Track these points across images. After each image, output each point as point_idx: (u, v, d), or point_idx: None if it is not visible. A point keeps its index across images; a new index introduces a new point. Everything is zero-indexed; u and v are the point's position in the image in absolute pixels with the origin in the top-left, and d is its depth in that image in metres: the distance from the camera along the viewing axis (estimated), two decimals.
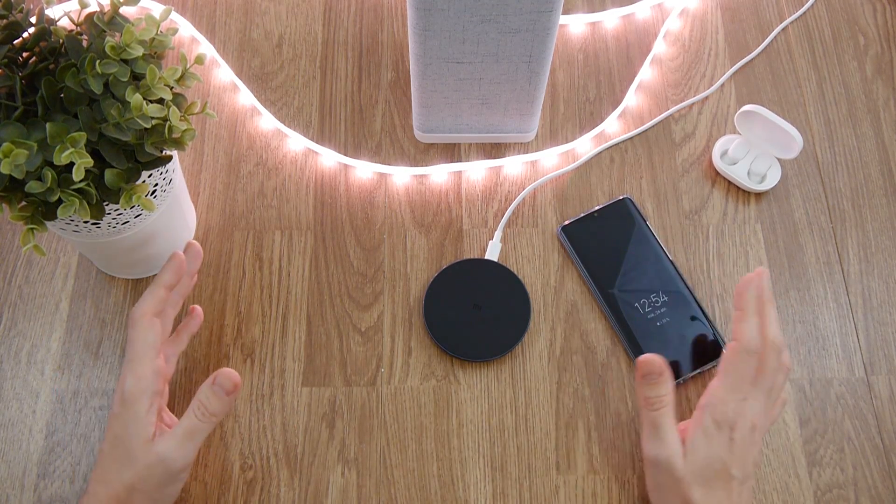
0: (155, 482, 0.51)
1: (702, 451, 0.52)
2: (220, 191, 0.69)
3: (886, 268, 0.67)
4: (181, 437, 0.52)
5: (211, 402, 0.53)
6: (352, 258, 0.66)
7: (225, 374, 0.53)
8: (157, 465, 0.51)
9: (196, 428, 0.52)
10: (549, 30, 0.58)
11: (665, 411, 0.54)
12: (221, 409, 0.53)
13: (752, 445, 0.53)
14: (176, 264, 0.56)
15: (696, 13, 0.78)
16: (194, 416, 0.52)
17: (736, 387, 0.53)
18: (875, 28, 0.77)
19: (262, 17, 0.76)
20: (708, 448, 0.52)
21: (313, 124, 0.72)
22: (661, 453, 0.53)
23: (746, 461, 0.52)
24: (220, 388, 0.53)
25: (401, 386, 0.62)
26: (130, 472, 0.50)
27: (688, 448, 0.53)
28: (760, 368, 0.54)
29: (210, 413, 0.53)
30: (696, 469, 0.52)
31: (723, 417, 0.52)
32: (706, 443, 0.52)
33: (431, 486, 0.59)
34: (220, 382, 0.53)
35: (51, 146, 0.46)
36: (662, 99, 0.73)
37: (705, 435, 0.52)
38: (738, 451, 0.52)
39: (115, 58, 0.47)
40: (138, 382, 0.52)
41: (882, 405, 0.62)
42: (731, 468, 0.52)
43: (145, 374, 0.52)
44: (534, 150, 0.71)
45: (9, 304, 0.64)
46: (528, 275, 0.66)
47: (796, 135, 0.65)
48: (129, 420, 0.51)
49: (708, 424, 0.53)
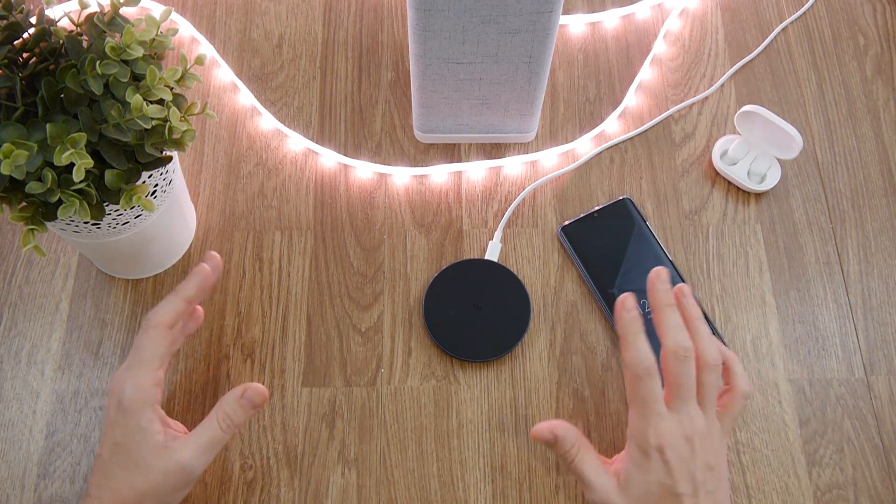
0: (171, 488, 0.51)
1: (637, 482, 0.51)
2: (220, 191, 0.69)
3: (886, 268, 0.67)
4: (204, 447, 0.52)
5: (237, 414, 0.53)
6: (352, 258, 0.66)
7: (255, 389, 0.54)
8: (176, 473, 0.51)
9: (220, 439, 0.52)
10: (549, 30, 0.58)
11: (579, 458, 0.53)
12: (244, 421, 0.54)
13: (693, 456, 0.50)
14: (202, 278, 0.55)
15: (696, 13, 0.78)
16: (218, 426, 0.52)
17: (644, 411, 0.51)
18: (875, 28, 0.77)
19: (262, 17, 0.76)
20: (643, 477, 0.50)
21: (313, 124, 0.72)
22: (594, 498, 0.51)
23: (692, 473, 0.50)
24: (248, 402, 0.53)
25: (401, 386, 0.62)
26: (142, 479, 0.50)
27: (622, 483, 0.51)
28: (669, 382, 0.52)
29: (235, 424, 0.53)
30: (636, 500, 0.51)
31: (645, 444, 0.51)
32: (639, 473, 0.51)
33: (431, 487, 0.59)
34: (249, 396, 0.53)
35: (51, 147, 0.46)
36: (662, 99, 0.74)
37: (636, 466, 0.51)
38: (678, 468, 0.50)
39: (115, 58, 0.47)
40: (138, 392, 0.51)
41: (882, 405, 0.62)
42: (676, 486, 0.50)
43: (145, 385, 0.52)
44: (534, 150, 0.71)
45: (9, 305, 0.64)
46: (528, 275, 0.66)
47: (796, 135, 0.65)
48: (133, 430, 0.51)
49: (635, 454, 0.51)
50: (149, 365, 0.52)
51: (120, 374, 0.53)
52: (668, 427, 0.51)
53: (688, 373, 0.52)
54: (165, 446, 0.51)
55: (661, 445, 0.50)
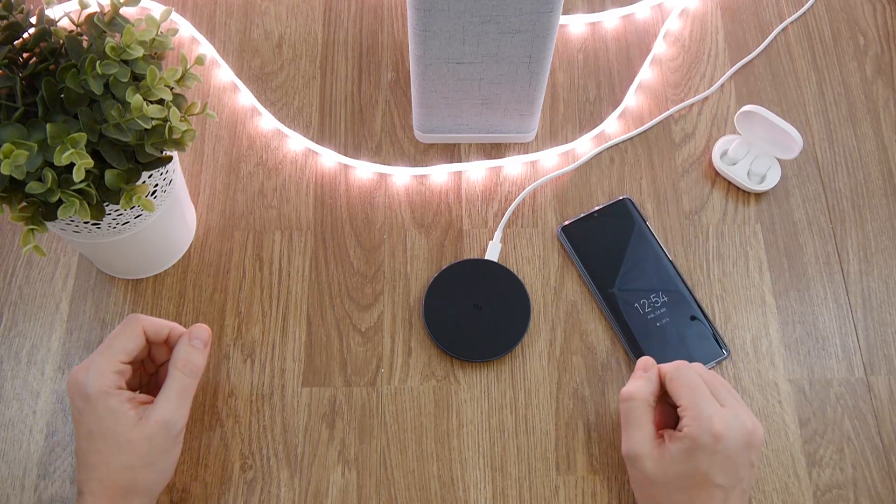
0: (158, 451, 0.52)
1: (678, 460, 0.51)
2: (220, 191, 0.69)
3: (886, 268, 0.67)
4: (176, 398, 0.53)
5: (193, 357, 0.54)
6: (352, 258, 0.66)
7: (197, 329, 0.56)
8: (159, 432, 0.51)
9: (188, 385, 0.54)
10: (549, 30, 0.58)
11: (636, 405, 0.54)
12: (202, 362, 0.55)
13: (746, 451, 0.51)
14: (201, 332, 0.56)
15: (696, 13, 0.78)
16: (181, 374, 0.53)
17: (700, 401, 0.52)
18: (875, 28, 0.77)
19: (262, 17, 0.76)
20: (686, 457, 0.51)
21: (313, 124, 0.72)
22: (631, 450, 0.53)
23: (737, 468, 0.51)
24: (198, 341, 0.55)
25: (401, 386, 0.62)
26: (128, 454, 0.50)
27: (661, 454, 0.52)
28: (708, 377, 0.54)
29: (196, 368, 0.54)
30: (671, 477, 0.51)
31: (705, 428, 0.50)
32: (684, 453, 0.51)
33: (431, 487, 0.59)
34: (196, 335, 0.55)
35: (51, 147, 0.46)
36: (662, 99, 0.74)
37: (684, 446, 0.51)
38: (726, 460, 0.50)
39: (115, 58, 0.47)
40: (100, 378, 0.51)
41: (882, 405, 0.62)
42: (716, 477, 0.50)
43: (106, 371, 0.52)
44: (534, 150, 0.71)
45: (9, 304, 0.64)
46: (528, 275, 0.66)
47: (796, 135, 0.65)
48: (103, 415, 0.51)
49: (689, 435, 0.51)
50: (114, 354, 0.53)
51: (79, 366, 0.53)
52: (729, 417, 0.51)
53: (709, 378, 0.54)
54: (140, 417, 0.51)
55: (720, 433, 0.50)
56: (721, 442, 0.50)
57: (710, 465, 0.50)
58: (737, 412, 0.52)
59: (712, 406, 0.52)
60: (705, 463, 0.50)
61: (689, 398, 0.52)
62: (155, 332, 0.55)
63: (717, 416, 0.51)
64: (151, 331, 0.55)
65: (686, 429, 0.51)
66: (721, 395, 0.53)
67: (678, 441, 0.51)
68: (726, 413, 0.51)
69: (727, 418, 0.51)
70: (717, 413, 0.51)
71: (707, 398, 0.52)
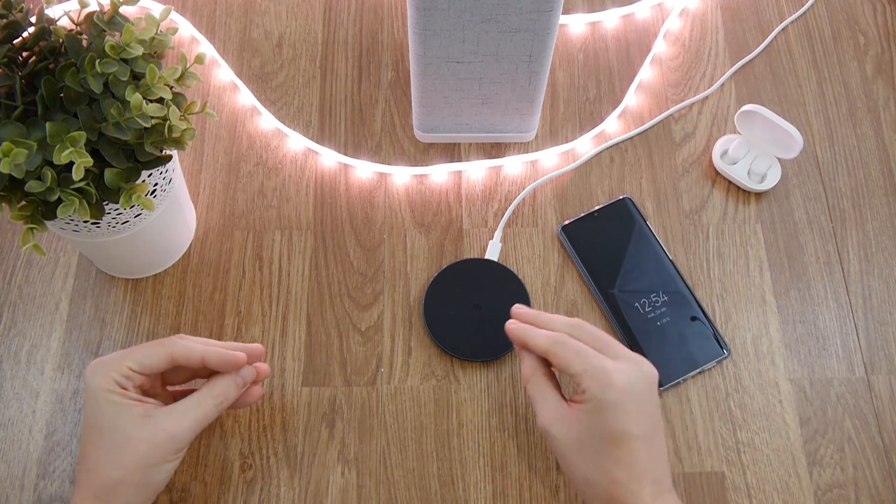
0: (158, 458, 0.50)
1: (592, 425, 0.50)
2: (220, 190, 0.69)
3: (886, 267, 0.67)
4: (194, 419, 0.51)
5: (231, 393, 0.53)
6: (352, 258, 0.66)
7: (247, 370, 0.54)
8: (165, 442, 0.50)
9: (210, 415, 0.52)
10: (549, 30, 0.58)
11: (535, 381, 0.53)
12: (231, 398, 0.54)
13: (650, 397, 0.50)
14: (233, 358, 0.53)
15: (696, 13, 0.78)
16: (212, 402, 0.52)
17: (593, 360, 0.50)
18: (875, 28, 0.77)
19: (262, 16, 0.76)
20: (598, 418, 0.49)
21: (313, 124, 0.72)
22: (543, 422, 0.52)
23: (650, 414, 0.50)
24: (241, 379, 0.54)
25: (401, 386, 0.62)
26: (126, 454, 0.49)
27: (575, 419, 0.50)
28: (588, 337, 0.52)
29: (227, 402, 0.53)
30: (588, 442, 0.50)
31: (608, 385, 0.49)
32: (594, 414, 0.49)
33: (431, 486, 0.59)
34: (243, 374, 0.54)
35: (50, 145, 0.46)
36: (662, 99, 0.73)
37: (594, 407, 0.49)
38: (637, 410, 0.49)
39: (114, 57, 0.47)
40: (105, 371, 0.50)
41: (882, 405, 0.62)
42: (632, 429, 0.49)
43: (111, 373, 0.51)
44: (534, 149, 0.71)
45: (9, 304, 0.64)
46: (528, 275, 0.66)
47: (796, 135, 0.65)
48: (104, 408, 0.50)
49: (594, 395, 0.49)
50: (127, 360, 0.51)
51: (96, 360, 0.52)
52: (625, 367, 0.50)
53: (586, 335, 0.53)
54: (147, 415, 0.50)
55: (622, 385, 0.49)
56: (626, 393, 0.49)
57: (623, 419, 0.49)
58: (627, 361, 0.51)
59: (605, 361, 0.50)
60: (618, 419, 0.49)
61: (580, 363, 0.50)
62: (186, 359, 0.52)
63: (613, 369, 0.50)
64: (182, 358, 0.52)
65: (588, 392, 0.49)
66: (603, 347, 0.52)
67: (584, 404, 0.50)
68: (622, 364, 0.50)
69: (624, 369, 0.50)
70: (613, 367, 0.50)
71: (597, 356, 0.51)
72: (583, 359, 0.51)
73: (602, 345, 0.52)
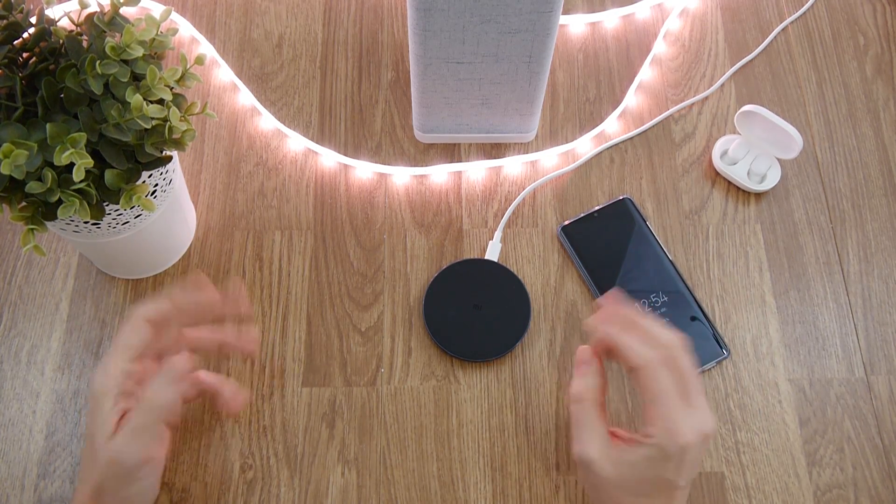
0: (114, 481, 0.50)
1: (643, 468, 0.48)
2: (220, 191, 0.69)
3: (886, 268, 0.67)
4: (129, 433, 0.49)
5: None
6: (352, 258, 0.66)
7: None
8: (112, 464, 0.49)
9: (146, 422, 0.50)
10: (549, 30, 0.58)
11: (586, 406, 0.50)
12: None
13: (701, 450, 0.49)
14: (190, 282, 0.54)
15: (696, 13, 0.78)
16: (140, 408, 0.50)
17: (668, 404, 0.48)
18: (875, 28, 0.77)
19: (262, 17, 0.76)
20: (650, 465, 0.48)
21: (313, 124, 0.72)
22: (585, 453, 0.49)
23: (694, 469, 0.49)
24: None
25: (401, 386, 0.62)
26: (96, 470, 0.50)
27: (625, 457, 0.49)
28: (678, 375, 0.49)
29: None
30: (631, 482, 0.48)
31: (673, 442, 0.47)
32: (647, 461, 0.48)
33: (431, 487, 0.59)
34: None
35: (51, 146, 0.46)
36: (662, 99, 0.74)
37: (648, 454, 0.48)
38: (690, 467, 0.48)
39: (115, 58, 0.47)
40: (105, 380, 0.50)
41: (882, 405, 0.62)
42: (679, 481, 0.48)
43: (114, 373, 0.50)
44: (534, 150, 0.71)
45: (9, 304, 0.64)
46: (528, 275, 0.66)
47: (796, 135, 0.65)
48: (95, 418, 0.50)
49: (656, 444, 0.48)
50: (119, 354, 0.51)
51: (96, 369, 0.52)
52: (696, 423, 0.48)
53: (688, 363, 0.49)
54: (111, 437, 0.49)
55: (689, 443, 0.47)
56: (688, 451, 0.48)
57: (676, 472, 0.48)
58: (702, 413, 0.49)
59: (683, 413, 0.48)
60: (671, 471, 0.48)
61: (662, 406, 0.48)
62: (157, 310, 0.52)
63: (687, 425, 0.48)
64: (156, 317, 0.52)
65: (655, 438, 0.48)
66: (688, 391, 0.49)
67: (643, 448, 0.48)
68: (695, 419, 0.48)
69: (695, 425, 0.48)
70: (688, 421, 0.48)
71: (679, 406, 0.48)
72: (666, 401, 0.48)
73: (685, 388, 0.49)
